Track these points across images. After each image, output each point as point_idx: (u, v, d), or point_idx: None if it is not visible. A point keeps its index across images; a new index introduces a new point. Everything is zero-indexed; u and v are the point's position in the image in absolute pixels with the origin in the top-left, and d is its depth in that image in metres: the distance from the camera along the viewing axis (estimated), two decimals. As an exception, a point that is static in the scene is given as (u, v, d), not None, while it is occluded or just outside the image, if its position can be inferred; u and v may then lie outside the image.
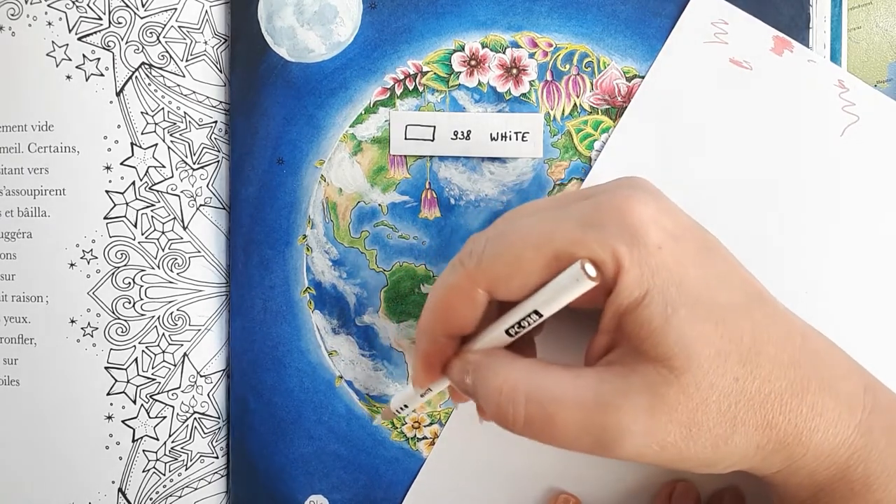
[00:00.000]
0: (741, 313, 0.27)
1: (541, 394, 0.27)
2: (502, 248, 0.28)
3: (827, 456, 0.27)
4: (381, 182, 0.39)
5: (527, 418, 0.27)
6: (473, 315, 0.30)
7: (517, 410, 0.27)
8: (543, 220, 0.28)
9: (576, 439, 0.27)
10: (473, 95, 0.39)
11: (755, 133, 0.36)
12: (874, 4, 0.38)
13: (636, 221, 0.26)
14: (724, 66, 0.37)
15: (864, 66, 0.38)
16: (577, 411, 0.26)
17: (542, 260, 0.27)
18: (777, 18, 0.37)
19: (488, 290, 0.29)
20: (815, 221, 0.36)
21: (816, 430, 0.27)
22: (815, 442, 0.27)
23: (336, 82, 0.39)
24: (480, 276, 0.28)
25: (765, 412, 0.26)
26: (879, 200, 0.36)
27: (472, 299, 0.29)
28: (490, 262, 0.28)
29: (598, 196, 0.28)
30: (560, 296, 0.27)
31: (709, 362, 0.26)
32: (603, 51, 0.38)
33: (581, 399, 0.27)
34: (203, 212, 0.41)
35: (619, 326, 0.27)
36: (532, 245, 0.27)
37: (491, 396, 0.28)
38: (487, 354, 0.30)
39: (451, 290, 0.29)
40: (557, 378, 0.27)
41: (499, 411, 0.28)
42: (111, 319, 0.40)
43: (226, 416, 0.41)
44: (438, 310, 0.30)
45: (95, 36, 0.40)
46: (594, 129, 0.38)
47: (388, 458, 0.40)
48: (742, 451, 0.27)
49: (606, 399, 0.26)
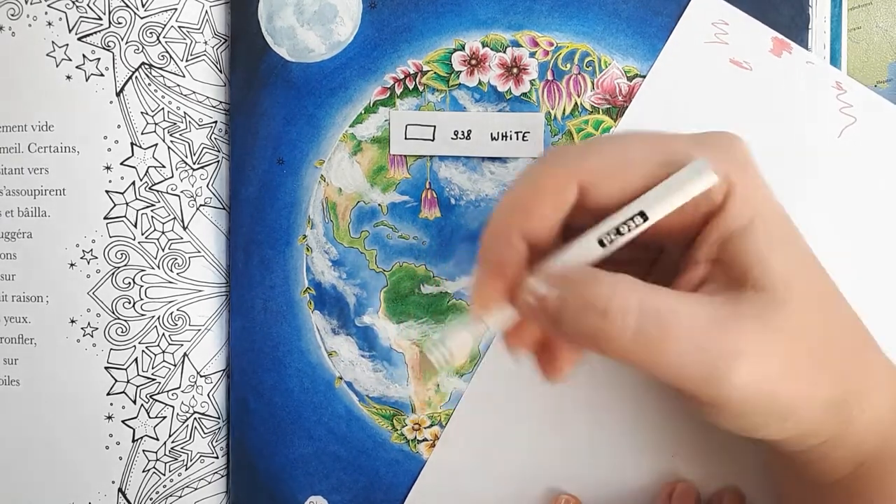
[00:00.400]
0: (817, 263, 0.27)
1: (656, 304, 0.24)
2: (609, 145, 0.27)
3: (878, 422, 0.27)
4: (380, 182, 0.39)
5: (638, 330, 0.24)
6: (557, 216, 0.27)
7: (627, 321, 0.24)
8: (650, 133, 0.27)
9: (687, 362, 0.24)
10: (474, 95, 0.39)
11: (754, 133, 0.36)
12: (874, 5, 0.37)
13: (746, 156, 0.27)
14: (724, 66, 0.37)
15: (864, 66, 0.38)
16: (693, 329, 0.24)
17: (652, 162, 0.26)
18: (777, 19, 0.37)
19: (585, 188, 0.26)
20: (811, 222, 0.36)
21: (876, 388, 0.27)
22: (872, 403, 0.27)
23: (336, 82, 0.39)
24: (582, 169, 0.26)
25: (843, 360, 0.27)
26: (876, 201, 0.36)
27: (563, 195, 0.26)
28: (595, 156, 0.26)
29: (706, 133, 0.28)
30: (675, 193, 0.25)
31: (805, 298, 0.26)
32: (604, 50, 0.38)
33: (695, 317, 0.25)
34: (203, 212, 0.41)
35: (721, 253, 0.26)
36: (643, 146, 0.26)
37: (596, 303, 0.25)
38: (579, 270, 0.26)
39: (544, 181, 0.26)
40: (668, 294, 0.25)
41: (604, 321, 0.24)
42: (111, 319, 0.40)
43: (226, 416, 0.41)
44: (519, 205, 0.27)
45: (95, 36, 0.40)
46: (595, 129, 0.38)
47: (388, 459, 0.39)
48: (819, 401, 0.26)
49: (723, 322, 0.24)
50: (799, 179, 0.36)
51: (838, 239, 0.36)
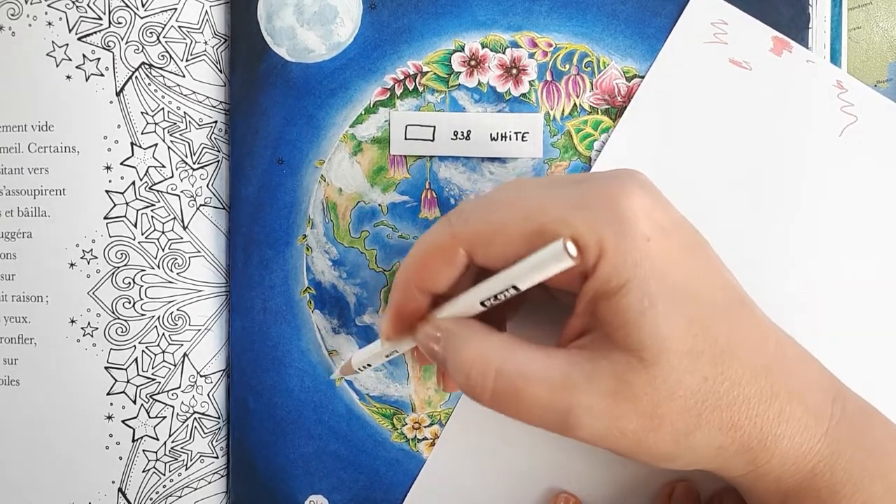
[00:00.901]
0: (719, 315, 0.27)
1: (511, 369, 0.28)
2: (489, 213, 0.28)
3: (793, 463, 0.27)
4: (381, 182, 0.39)
5: (494, 392, 0.28)
6: (451, 274, 0.30)
7: (486, 384, 0.28)
8: (535, 193, 0.28)
9: (539, 416, 0.27)
10: (473, 95, 0.39)
11: (754, 133, 0.36)
12: (874, 4, 0.38)
13: (627, 210, 0.27)
14: (724, 66, 0.37)
15: (864, 65, 0.38)
16: (543, 390, 0.27)
17: (526, 230, 0.27)
18: (776, 19, 0.37)
19: (469, 252, 0.29)
20: (812, 220, 0.36)
21: (782, 436, 0.27)
22: (780, 448, 0.27)
23: (336, 82, 0.39)
24: (464, 236, 0.29)
25: (731, 414, 0.27)
26: (877, 200, 0.36)
27: (452, 257, 0.29)
28: (475, 224, 0.29)
29: (594, 181, 0.28)
30: (537, 271, 0.27)
31: (679, 359, 0.26)
32: (603, 51, 0.38)
33: (548, 378, 0.27)
34: (203, 212, 0.41)
35: (594, 312, 0.28)
36: (519, 214, 0.28)
37: (461, 367, 0.28)
38: (460, 324, 0.30)
39: (433, 244, 0.30)
40: (528, 355, 0.28)
41: (468, 383, 0.28)
42: (111, 319, 0.40)
43: (226, 415, 0.41)
44: (418, 263, 0.30)
45: (95, 36, 0.40)
46: (594, 129, 0.38)
47: (388, 458, 0.40)
48: (703, 449, 0.27)
49: (573, 381, 0.27)
50: (800, 180, 0.36)
51: (839, 238, 0.36)
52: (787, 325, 0.30)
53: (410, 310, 0.31)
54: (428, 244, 0.30)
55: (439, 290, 0.31)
